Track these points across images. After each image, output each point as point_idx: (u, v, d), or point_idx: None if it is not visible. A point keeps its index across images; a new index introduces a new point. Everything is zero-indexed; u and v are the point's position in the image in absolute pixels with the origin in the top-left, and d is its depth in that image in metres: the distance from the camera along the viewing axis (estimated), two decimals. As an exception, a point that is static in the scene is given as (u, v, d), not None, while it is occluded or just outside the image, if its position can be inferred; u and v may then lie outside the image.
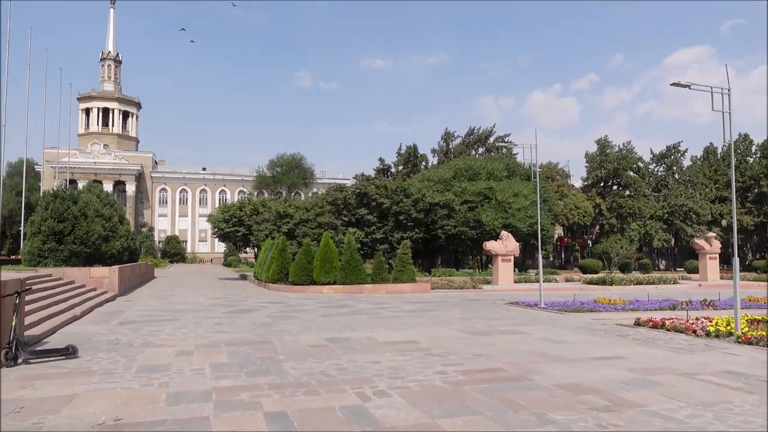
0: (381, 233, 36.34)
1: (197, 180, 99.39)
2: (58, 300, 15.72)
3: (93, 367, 8.01)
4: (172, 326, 12.56)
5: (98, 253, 24.84)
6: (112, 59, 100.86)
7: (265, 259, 28.14)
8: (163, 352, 9.18)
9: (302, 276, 23.62)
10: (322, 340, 10.48)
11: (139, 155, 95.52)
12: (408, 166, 73.87)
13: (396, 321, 13.49)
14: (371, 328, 12.13)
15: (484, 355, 8.87)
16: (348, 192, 38.90)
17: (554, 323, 13.16)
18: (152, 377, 7.30)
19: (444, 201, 36.70)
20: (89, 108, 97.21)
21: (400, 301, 19.05)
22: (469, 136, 73.72)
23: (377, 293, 22.74)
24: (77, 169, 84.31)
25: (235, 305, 17.85)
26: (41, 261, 23.01)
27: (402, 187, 37.50)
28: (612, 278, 29.23)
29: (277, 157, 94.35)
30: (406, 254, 24.45)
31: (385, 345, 9.93)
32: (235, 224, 40.49)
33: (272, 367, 8.01)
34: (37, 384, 6.95)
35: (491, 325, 12.67)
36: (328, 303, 18.43)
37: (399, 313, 15.41)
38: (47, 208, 23.51)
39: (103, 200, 29.84)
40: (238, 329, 12.08)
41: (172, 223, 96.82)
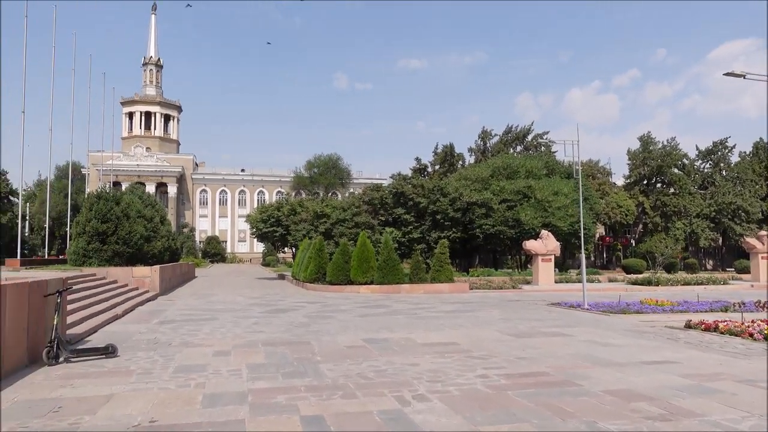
0: (418, 233, 36.08)
1: (236, 181, 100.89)
2: (101, 299, 15.99)
3: (131, 366, 8.01)
4: (211, 326, 12.58)
5: (140, 253, 25.30)
6: (153, 64, 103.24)
7: (302, 259, 28.20)
8: (201, 352, 9.15)
9: (339, 276, 23.55)
10: (360, 341, 10.30)
11: (180, 157, 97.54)
12: (445, 166, 73.37)
13: (434, 322, 13.22)
14: (409, 329, 11.90)
15: (527, 358, 8.54)
16: (385, 191, 38.77)
17: (599, 325, 12.68)
18: (189, 377, 7.24)
19: (482, 200, 36.19)
20: (132, 112, 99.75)
21: (438, 302, 18.76)
22: (507, 134, 72.73)
23: (415, 293, 22.49)
24: (121, 171, 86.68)
25: (273, 305, 17.86)
26: (86, 261, 23.55)
27: (439, 186, 37.15)
28: (657, 278, 28.28)
29: (314, 158, 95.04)
30: (444, 254, 24.11)
31: (423, 346, 9.69)
32: (273, 224, 40.83)
33: (309, 368, 7.86)
34: (76, 383, 6.96)
35: (533, 327, 12.28)
36: (365, 303, 18.28)
37: (437, 313, 15.14)
38: (91, 209, 24.05)
39: (144, 201, 30.42)
40: (275, 329, 12.02)
41: (212, 224, 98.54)
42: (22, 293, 7.82)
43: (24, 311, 7.87)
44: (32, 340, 8.13)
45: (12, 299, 7.46)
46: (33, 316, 8.20)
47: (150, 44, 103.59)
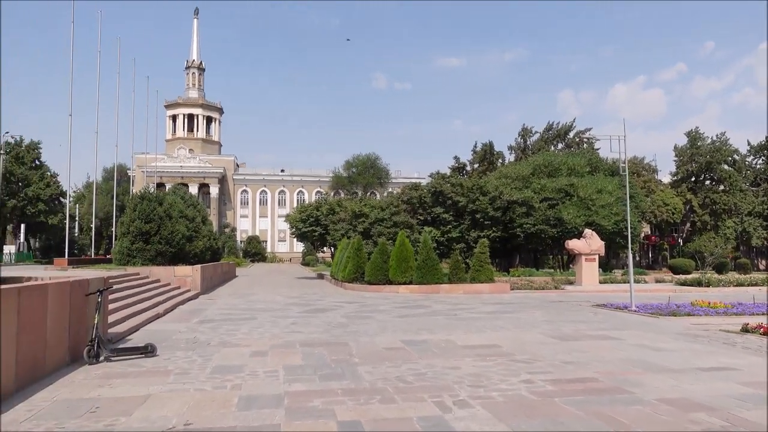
0: (457, 232, 35.65)
1: (276, 181, 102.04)
2: (143, 298, 16.22)
3: (169, 366, 7.98)
4: (249, 325, 12.56)
5: (182, 253, 25.68)
6: (196, 67, 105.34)
7: (341, 259, 28.17)
8: (239, 352, 9.08)
9: (378, 275, 23.38)
10: (398, 342, 10.08)
11: (221, 158, 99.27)
12: (484, 164, 72.54)
13: (475, 323, 12.90)
14: (449, 331, 11.62)
15: (573, 363, 8.17)
16: (423, 191, 38.45)
17: (648, 328, 12.13)
18: (226, 379, 7.15)
19: (522, 198, 35.50)
20: (176, 114, 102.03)
21: (478, 302, 18.39)
22: (548, 132, 71.44)
23: (454, 293, 22.14)
24: (165, 172, 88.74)
25: (311, 304, 17.82)
26: (130, 260, 24.03)
27: (478, 185, 36.62)
28: (708, 279, 27.15)
29: (353, 158, 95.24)
30: (484, 253, 23.68)
31: (464, 349, 9.40)
32: (312, 224, 40.99)
33: (347, 370, 7.69)
34: (114, 383, 6.95)
35: (578, 329, 11.83)
36: (404, 303, 18.06)
37: (478, 314, 14.79)
38: (135, 210, 24.53)
39: (186, 201, 30.91)
40: (313, 329, 11.91)
41: (253, 224, 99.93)
42: (63, 292, 7.88)
43: (66, 310, 7.94)
44: (74, 338, 8.20)
45: (54, 298, 7.52)
46: (75, 315, 8.27)
47: (192, 48, 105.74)
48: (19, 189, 67.09)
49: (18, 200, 65.96)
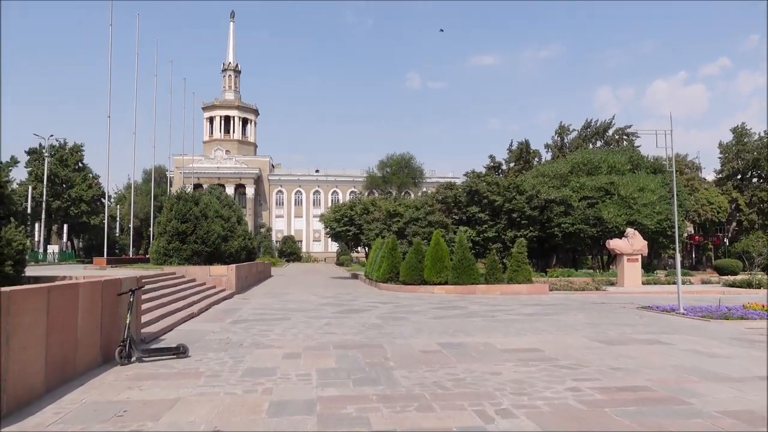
0: (493, 232, 35.02)
1: (311, 182, 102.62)
2: (178, 297, 16.23)
3: (201, 368, 7.80)
4: (283, 326, 12.38)
5: (218, 252, 25.82)
6: (232, 69, 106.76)
7: (375, 259, 27.92)
8: (271, 354, 8.87)
9: (413, 275, 23.03)
10: (435, 345, 9.72)
11: (257, 159, 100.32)
12: (520, 163, 71.46)
13: (514, 325, 12.43)
14: (487, 333, 11.20)
15: (622, 369, 7.68)
16: (458, 190, 37.91)
17: (699, 332, 11.48)
18: (257, 382, 6.92)
19: (561, 197, 34.65)
20: (212, 116, 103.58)
21: (516, 303, 17.86)
22: (586, 129, 69.96)
23: (491, 294, 21.63)
24: (202, 173, 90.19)
25: (345, 305, 17.58)
26: (167, 260, 24.25)
27: (515, 184, 35.91)
28: (759, 280, 25.93)
29: (387, 158, 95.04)
30: (522, 253, 23.08)
31: (504, 353, 8.99)
32: (346, 224, 40.87)
33: (382, 374, 7.37)
34: (144, 385, 6.79)
35: (624, 333, 11.26)
36: (439, 304, 17.67)
37: (516, 316, 14.31)
38: (171, 210, 24.76)
39: (222, 201, 31.14)
40: (347, 330, 11.65)
41: (288, 224, 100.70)
42: (95, 292, 7.79)
43: (97, 310, 7.84)
44: (106, 338, 8.10)
45: (85, 297, 7.42)
46: (106, 315, 8.18)
47: (228, 51, 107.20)
48: (63, 190, 69.00)
49: (62, 201, 67.84)
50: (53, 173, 65.07)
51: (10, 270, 7.83)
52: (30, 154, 70.67)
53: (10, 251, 7.86)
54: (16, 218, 8.42)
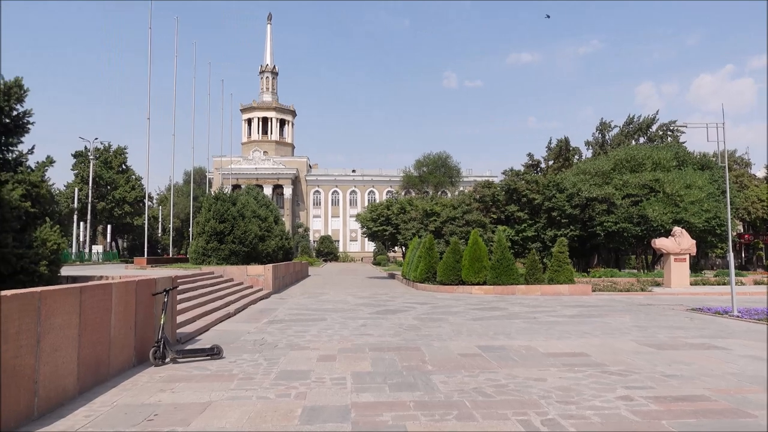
0: (532, 231, 34.28)
1: (347, 182, 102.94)
2: (215, 297, 16.26)
3: (234, 370, 7.65)
4: (318, 327, 12.19)
5: (255, 252, 25.91)
6: (269, 71, 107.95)
7: (412, 258, 27.61)
8: (306, 356, 8.66)
9: (450, 275, 22.64)
10: (475, 348, 9.36)
11: (294, 160, 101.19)
12: (559, 161, 70.09)
13: (557, 327, 11.95)
14: (529, 336, 10.77)
15: (676, 377, 7.18)
16: (496, 188, 37.26)
17: (757, 336, 10.79)
18: (290, 386, 6.71)
19: (603, 195, 33.64)
20: (251, 118, 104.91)
21: (557, 304, 17.30)
22: (628, 125, 68.12)
23: (531, 295, 21.07)
24: (241, 174, 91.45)
25: (382, 305, 17.33)
26: (205, 259, 24.44)
27: (555, 182, 35.06)
28: (817, 281, 24.58)
29: (423, 157, 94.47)
30: (563, 253, 22.41)
31: (547, 357, 8.57)
32: (383, 223, 40.64)
33: (419, 379, 7.07)
34: (176, 387, 6.65)
35: (676, 337, 10.67)
36: (478, 304, 17.25)
37: (559, 318, 13.79)
38: (209, 210, 24.95)
39: (259, 201, 31.29)
40: (383, 332, 11.38)
41: (325, 224, 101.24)
42: (129, 292, 7.71)
43: (131, 310, 7.77)
44: (140, 339, 8.03)
45: (119, 297, 7.35)
46: (141, 315, 8.11)
47: (266, 53, 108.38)
48: (107, 192, 70.90)
49: (106, 203, 69.71)
50: (98, 175, 66.85)
51: (44, 270, 7.84)
52: (76, 157, 72.86)
53: (44, 251, 7.86)
54: (51, 218, 8.45)
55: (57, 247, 8.12)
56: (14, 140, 8.29)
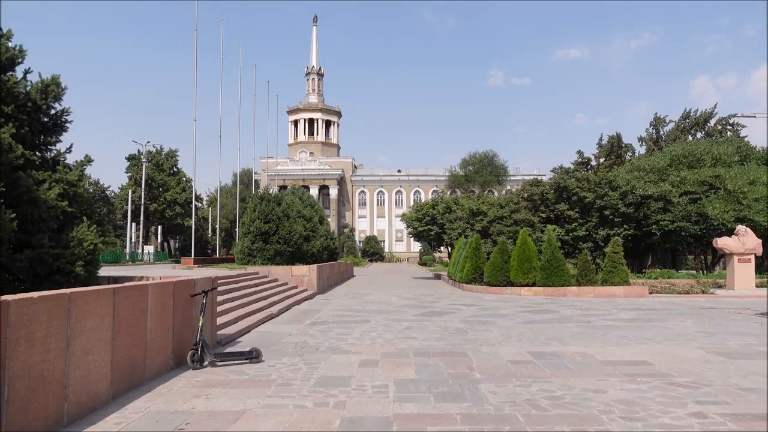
0: (583, 230, 33.11)
1: (393, 182, 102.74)
2: (259, 298, 16.14)
3: (272, 375, 7.35)
4: (361, 329, 11.84)
5: (300, 252, 25.85)
6: (315, 73, 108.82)
7: (458, 259, 27.02)
8: (347, 361, 8.31)
9: (498, 276, 21.96)
10: (526, 354, 8.81)
11: (340, 161, 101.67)
12: (611, 158, 67.87)
13: (614, 333, 11.23)
14: (584, 341, 10.11)
15: (754, 390, 6.47)
16: (545, 186, 36.21)
17: (840, 344, 9.82)
18: (329, 394, 6.35)
19: (658, 193, 32.18)
20: (297, 120, 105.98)
21: (612, 307, 16.44)
22: (684, 120, 65.39)
23: (583, 297, 20.20)
24: (288, 175, 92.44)
25: (427, 307, 16.87)
26: (250, 260, 24.52)
27: (607, 179, 33.78)
28: None
29: (470, 156, 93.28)
30: (617, 253, 21.40)
31: (606, 365, 7.95)
32: (428, 223, 40.10)
33: (467, 388, 6.60)
34: (212, 393, 6.39)
35: (747, 344, 9.81)
36: (527, 307, 16.58)
37: (615, 322, 13.03)
38: (255, 210, 25.01)
39: (304, 202, 31.28)
40: (428, 335, 10.93)
41: (371, 224, 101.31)
42: (166, 293, 7.52)
43: (169, 312, 7.58)
44: (178, 342, 7.84)
45: (155, 299, 7.15)
46: (179, 317, 7.92)
47: (312, 54, 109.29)
48: (159, 194, 72.82)
49: (158, 204, 71.58)
50: (150, 177, 68.76)
51: (80, 270, 7.75)
52: (129, 160, 75.14)
53: (81, 251, 7.78)
54: (90, 218, 8.38)
55: (94, 248, 8.03)
56: (52, 139, 8.28)
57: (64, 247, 7.58)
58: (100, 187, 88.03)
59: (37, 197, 7.12)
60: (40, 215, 7.21)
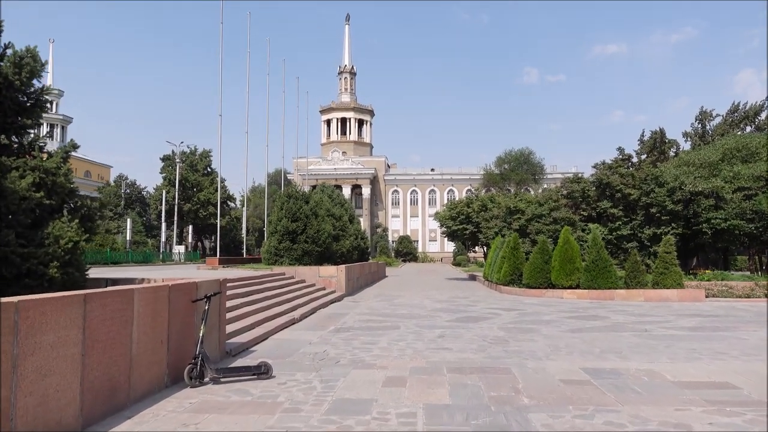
0: (627, 229, 31.24)
1: (426, 181, 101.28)
2: (282, 300, 15.13)
3: (280, 396, 6.24)
4: (390, 337, 10.67)
5: (328, 252, 24.84)
6: (348, 72, 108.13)
7: (494, 259, 25.60)
8: (370, 378, 7.15)
9: (538, 278, 20.51)
10: (580, 372, 7.50)
11: (372, 160, 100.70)
12: (653, 154, 65.11)
13: (679, 344, 9.78)
14: (647, 355, 8.73)
15: None
16: (586, 183, 34.41)
17: None
18: (344, 424, 5.20)
19: (710, 189, 30.11)
20: (329, 119, 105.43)
21: (668, 313, 14.89)
22: (733, 114, 62.36)
23: (632, 300, 18.61)
24: (320, 175, 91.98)
25: (462, 311, 15.59)
26: (277, 260, 23.61)
27: (654, 175, 31.84)
28: None
29: (505, 154, 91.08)
30: (670, 253, 19.72)
31: (680, 388, 6.59)
32: (463, 221, 38.68)
33: (513, 419, 5.36)
34: (204, 420, 5.31)
35: None
36: (572, 311, 15.15)
37: (676, 330, 11.54)
38: (282, 209, 24.10)
39: (334, 200, 30.29)
40: (464, 345, 9.68)
41: (404, 224, 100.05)
42: (159, 299, 6.48)
43: (162, 321, 6.54)
44: (175, 355, 6.80)
45: (145, 306, 6.12)
46: (177, 326, 6.88)
47: (344, 53, 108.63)
48: (193, 194, 73.07)
49: (192, 204, 71.82)
50: (184, 178, 68.97)
51: (55, 273, 6.70)
52: (164, 160, 75.65)
53: (57, 250, 6.74)
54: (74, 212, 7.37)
55: (73, 246, 6.99)
56: (29, 121, 7.29)
57: (37, 246, 6.59)
58: (137, 188, 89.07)
59: (5, 187, 6.14)
60: (8, 207, 6.24)
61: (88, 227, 7.59)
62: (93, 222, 7.70)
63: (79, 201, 7.34)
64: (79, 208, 7.41)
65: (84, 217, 7.54)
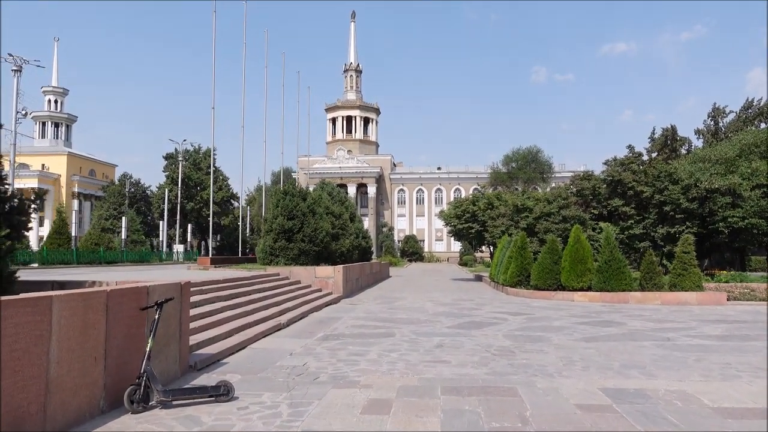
0: (640, 228, 30.07)
1: (432, 179, 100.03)
2: (272, 303, 14.02)
3: (236, 426, 5.13)
4: (382, 346, 9.54)
5: (327, 252, 23.72)
6: (353, 70, 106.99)
7: (501, 259, 24.42)
8: (350, 400, 6.02)
9: (547, 279, 19.33)
10: (599, 393, 6.33)
11: (378, 158, 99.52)
12: (665, 152, 63.56)
13: (711, 357, 8.59)
14: (676, 371, 7.55)
15: None
16: (597, 180, 33.20)
17: None
18: (302, 471, 4.08)
19: (726, 186, 28.82)
20: (335, 117, 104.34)
21: (690, 318, 13.68)
22: (747, 110, 60.75)
23: (648, 303, 17.39)
24: (325, 173, 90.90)
25: (465, 315, 14.43)
26: (273, 259, 22.53)
27: (667, 172, 30.59)
28: None
29: (512, 152, 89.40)
30: (688, 253, 18.46)
31: (722, 416, 5.43)
32: (468, 220, 37.45)
33: (519, 463, 4.22)
34: (126, 465, 4.21)
35: None
36: (585, 316, 13.97)
37: (703, 340, 10.34)
38: (278, 206, 23.02)
39: (333, 197, 29.19)
40: (464, 358, 8.54)
41: (410, 223, 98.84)
42: (92, 307, 5.38)
43: (97, 333, 5.44)
44: (115, 374, 5.69)
45: (69, 317, 5.02)
46: (118, 340, 5.78)
47: (350, 51, 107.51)
48: (196, 192, 72.21)
49: (194, 203, 70.97)
50: (187, 176, 68.10)
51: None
52: (167, 158, 74.87)
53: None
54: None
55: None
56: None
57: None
58: (141, 186, 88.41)
59: None
60: None
61: (17, 222, 6.47)
62: (25, 216, 6.60)
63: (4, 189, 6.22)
64: (5, 199, 6.28)
65: (12, 210, 6.42)
